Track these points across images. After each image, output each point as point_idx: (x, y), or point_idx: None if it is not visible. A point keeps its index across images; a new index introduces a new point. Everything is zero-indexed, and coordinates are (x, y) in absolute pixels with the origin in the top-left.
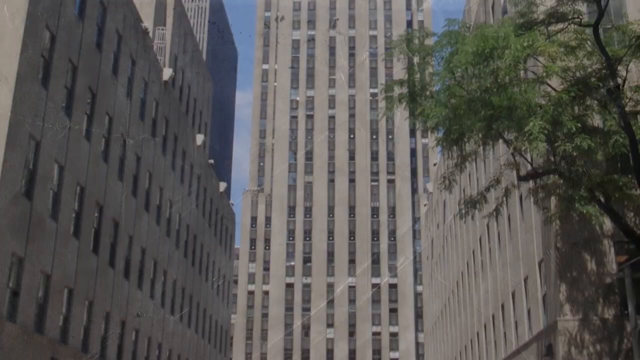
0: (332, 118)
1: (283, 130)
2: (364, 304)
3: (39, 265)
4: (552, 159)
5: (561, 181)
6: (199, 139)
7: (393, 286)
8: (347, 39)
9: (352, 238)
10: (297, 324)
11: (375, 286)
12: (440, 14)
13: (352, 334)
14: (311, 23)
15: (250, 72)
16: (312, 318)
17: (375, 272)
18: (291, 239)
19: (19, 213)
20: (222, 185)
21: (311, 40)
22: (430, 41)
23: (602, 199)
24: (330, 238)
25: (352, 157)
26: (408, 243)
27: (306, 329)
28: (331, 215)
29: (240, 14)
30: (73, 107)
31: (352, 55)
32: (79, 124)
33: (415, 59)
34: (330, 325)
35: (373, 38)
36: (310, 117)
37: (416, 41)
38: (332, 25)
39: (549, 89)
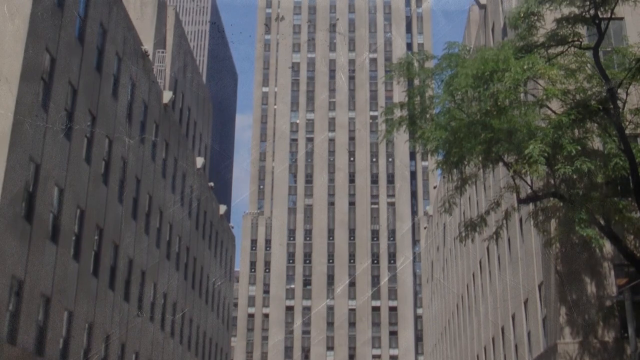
0: (332, 141)
1: (283, 153)
2: (364, 326)
3: (39, 288)
4: (552, 181)
5: (561, 204)
6: (199, 161)
7: (393, 309)
8: (347, 62)
9: (352, 261)
10: (297, 346)
11: (376, 309)
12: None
13: (352, 357)
14: (311, 46)
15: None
16: (312, 341)
17: (375, 295)
18: (291, 261)
19: (19, 235)
20: (222, 208)
21: (311, 63)
22: (430, 64)
23: (602, 222)
24: (330, 261)
25: (352, 180)
26: (408, 265)
27: (306, 352)
28: (331, 238)
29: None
30: (73, 129)
31: (352, 78)
32: (78, 147)
33: (416, 82)
34: (330, 348)
35: (373, 61)
36: (310, 140)
37: (416, 64)
38: (332, 48)
39: (549, 112)
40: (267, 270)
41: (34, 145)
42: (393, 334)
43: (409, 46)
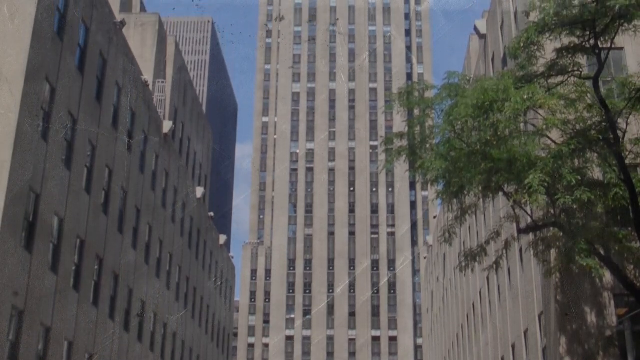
0: (332, 171)
1: (283, 183)
2: (364, 357)
3: (39, 318)
4: (552, 211)
5: (561, 234)
6: (199, 191)
7: (393, 339)
8: (347, 91)
9: (352, 291)
10: None
11: (376, 339)
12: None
13: None
14: (311, 76)
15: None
16: None
17: (375, 325)
18: (291, 291)
19: (19, 266)
20: (222, 238)
21: (311, 92)
22: (430, 94)
23: (602, 252)
24: (330, 291)
25: (352, 210)
26: (408, 295)
27: None
28: (331, 268)
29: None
30: (73, 159)
31: (352, 108)
32: (78, 177)
33: (416, 112)
34: None
35: (373, 91)
36: (310, 170)
37: (416, 94)
38: (332, 78)
39: (549, 142)
40: (267, 300)
41: (34, 175)
42: None
43: (409, 76)
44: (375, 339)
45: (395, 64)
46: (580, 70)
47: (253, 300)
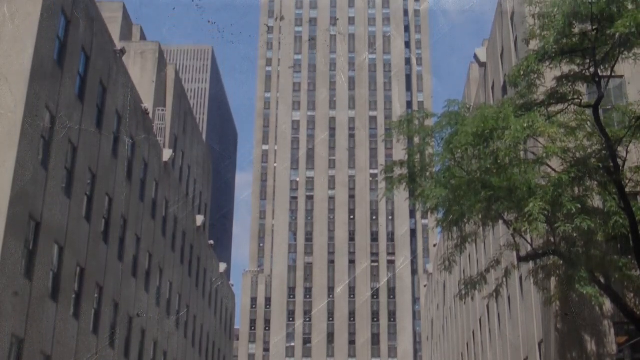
0: (332, 199)
1: (283, 211)
2: None
3: (39, 346)
4: (552, 239)
5: (561, 262)
6: (199, 219)
7: None
8: (348, 120)
9: (352, 319)
10: None
11: None
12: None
13: None
14: (311, 104)
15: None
16: None
17: (375, 353)
18: (291, 319)
19: (19, 293)
20: (222, 266)
21: (311, 121)
22: (430, 122)
23: (602, 280)
24: (330, 319)
25: (352, 238)
26: (408, 323)
27: None
28: (331, 296)
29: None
30: (73, 187)
31: (352, 136)
32: (78, 205)
33: (416, 140)
34: None
35: (373, 119)
36: (310, 198)
37: (416, 122)
38: (332, 106)
39: (549, 170)
40: (267, 329)
41: (34, 203)
42: None
43: (409, 104)
44: None
45: (395, 93)
46: (581, 98)
47: (253, 328)
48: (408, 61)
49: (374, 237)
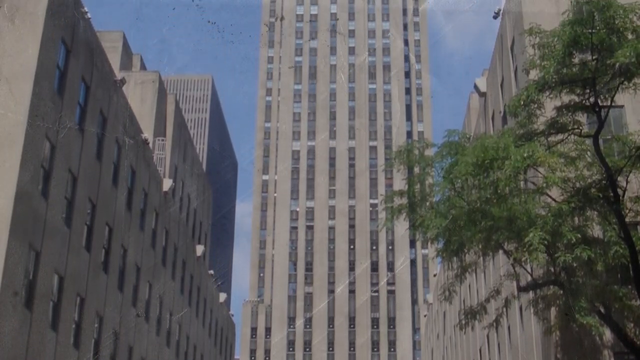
0: (332, 229)
1: (283, 241)
2: None
3: None
4: (552, 269)
5: (561, 292)
6: (199, 249)
7: None
8: (347, 149)
9: (352, 349)
10: None
11: None
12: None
13: None
14: (311, 134)
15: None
16: None
17: None
18: (291, 349)
19: (19, 323)
20: (222, 296)
21: (311, 151)
22: (430, 152)
23: (602, 310)
24: (331, 349)
25: (352, 268)
26: (408, 353)
27: None
28: (331, 326)
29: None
30: (73, 217)
31: (352, 166)
32: (78, 235)
33: (416, 170)
34: None
35: (373, 148)
36: (310, 228)
37: (416, 152)
38: (332, 136)
39: (549, 200)
40: (267, 359)
41: (34, 233)
42: None
43: (409, 134)
44: None
45: (395, 121)
46: (580, 128)
47: (253, 358)
48: (408, 90)
49: (374, 267)
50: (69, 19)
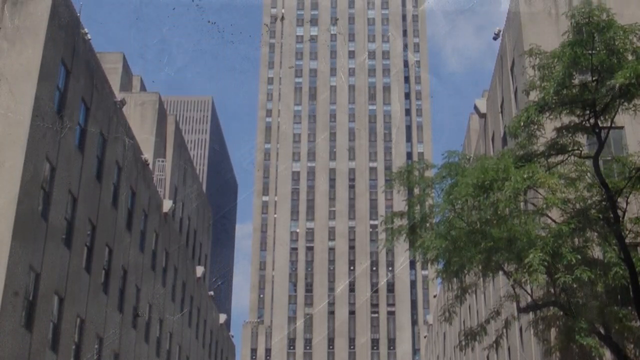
0: (332, 250)
1: (283, 262)
2: None
3: None
4: (552, 290)
5: (561, 313)
6: (199, 270)
7: None
8: (347, 170)
9: None
10: None
11: None
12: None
13: None
14: (311, 155)
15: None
16: None
17: None
18: None
19: (18, 345)
20: (222, 317)
21: (311, 172)
22: (430, 173)
23: (602, 331)
24: None
25: (352, 289)
26: None
27: None
28: (331, 347)
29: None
30: (73, 238)
31: (352, 187)
32: (78, 256)
33: (416, 191)
34: None
35: (373, 169)
36: (310, 249)
37: (416, 173)
38: (332, 157)
39: (549, 221)
40: None
41: (34, 254)
42: None
43: (409, 155)
44: None
45: (395, 142)
46: (580, 149)
47: None
48: (408, 111)
49: (374, 288)
50: (69, 40)
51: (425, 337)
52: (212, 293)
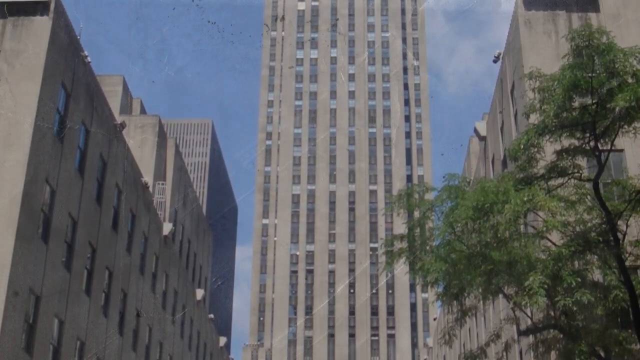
0: (332, 272)
1: (283, 285)
2: None
3: None
4: (552, 313)
5: (561, 336)
6: (199, 293)
7: None
8: (347, 194)
9: None
10: None
11: None
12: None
13: None
14: (311, 178)
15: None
16: None
17: None
18: None
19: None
20: (222, 340)
21: (311, 195)
22: (430, 196)
23: (602, 354)
24: None
25: (352, 312)
26: None
27: None
28: None
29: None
30: (73, 261)
31: (352, 210)
32: (78, 279)
33: (416, 214)
34: None
35: (373, 192)
36: (310, 272)
37: (416, 196)
38: (332, 180)
39: (549, 244)
40: None
41: (34, 277)
42: None
43: (409, 178)
44: None
45: (395, 165)
46: (580, 172)
47: None
48: (408, 134)
49: (374, 311)
50: (69, 63)
51: (425, 359)
52: (212, 316)
